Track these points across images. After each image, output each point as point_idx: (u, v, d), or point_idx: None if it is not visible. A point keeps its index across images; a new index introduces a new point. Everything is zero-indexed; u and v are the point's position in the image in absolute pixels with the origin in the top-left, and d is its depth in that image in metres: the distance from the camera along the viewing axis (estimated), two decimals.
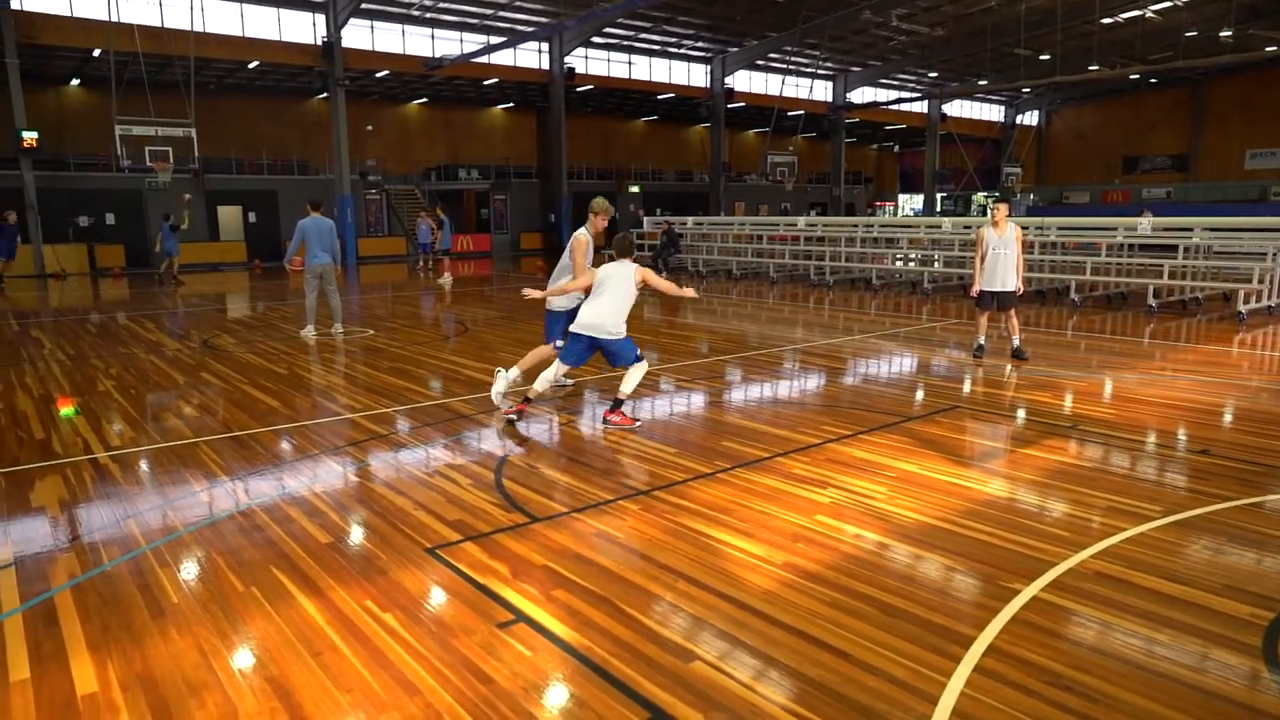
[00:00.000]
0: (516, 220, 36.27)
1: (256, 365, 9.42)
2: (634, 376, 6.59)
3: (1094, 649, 3.15)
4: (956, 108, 48.37)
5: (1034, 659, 3.07)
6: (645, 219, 25.38)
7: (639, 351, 6.62)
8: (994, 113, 51.55)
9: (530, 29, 30.84)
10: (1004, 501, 4.79)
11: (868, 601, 3.55)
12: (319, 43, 27.78)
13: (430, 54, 30.68)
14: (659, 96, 38.38)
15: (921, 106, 46.19)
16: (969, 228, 16.15)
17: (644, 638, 3.26)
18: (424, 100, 36.34)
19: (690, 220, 22.61)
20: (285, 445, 6.15)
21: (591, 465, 5.61)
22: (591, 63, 35.50)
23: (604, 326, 6.48)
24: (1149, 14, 33.62)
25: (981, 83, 43.58)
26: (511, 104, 38.28)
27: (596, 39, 34.02)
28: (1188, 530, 4.32)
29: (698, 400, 7.73)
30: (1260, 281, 11.95)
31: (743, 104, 39.54)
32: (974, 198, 52.26)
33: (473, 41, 31.50)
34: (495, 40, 30.06)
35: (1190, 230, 13.56)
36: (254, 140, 31.16)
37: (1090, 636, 3.25)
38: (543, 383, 6.79)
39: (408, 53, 30.71)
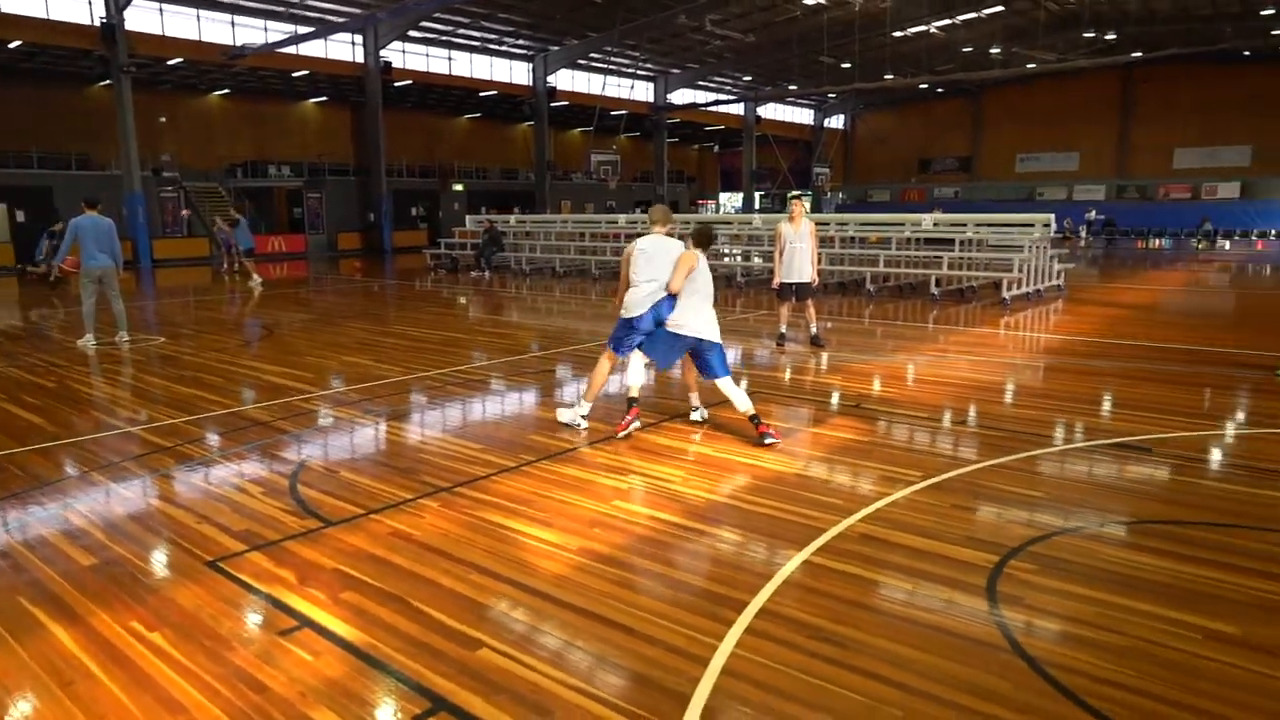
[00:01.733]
0: (333, 220, 34.58)
1: (19, 379, 8.49)
2: (733, 390, 5.97)
3: (851, 602, 3.47)
4: (771, 110, 50.87)
5: (799, 616, 3.34)
6: (468, 218, 24.97)
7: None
8: (804, 116, 54.66)
9: (341, 19, 29.52)
10: (789, 476, 5.14)
11: (654, 578, 3.73)
12: (97, 24, 25.26)
13: (231, 42, 28.68)
14: (482, 94, 37.85)
15: (739, 109, 48.23)
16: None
17: (433, 631, 3.26)
18: (226, 91, 33.92)
19: (513, 218, 22.51)
20: (49, 465, 5.61)
21: (394, 466, 5.50)
22: (409, 57, 34.48)
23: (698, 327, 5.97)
24: (933, 30, 36.84)
25: (791, 87, 46.12)
26: (324, 98, 36.49)
27: (414, 33, 33.06)
28: (941, 491, 4.82)
29: (514, 396, 7.75)
30: (1019, 271, 13.46)
31: (566, 103, 39.73)
32: (789, 196, 55.24)
33: (278, 30, 29.73)
34: (303, 30, 28.54)
35: (965, 226, 15.08)
36: (21, 130, 27.89)
37: (849, 592, 3.57)
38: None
39: (205, 40, 28.55)
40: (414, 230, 36.07)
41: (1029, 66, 38.49)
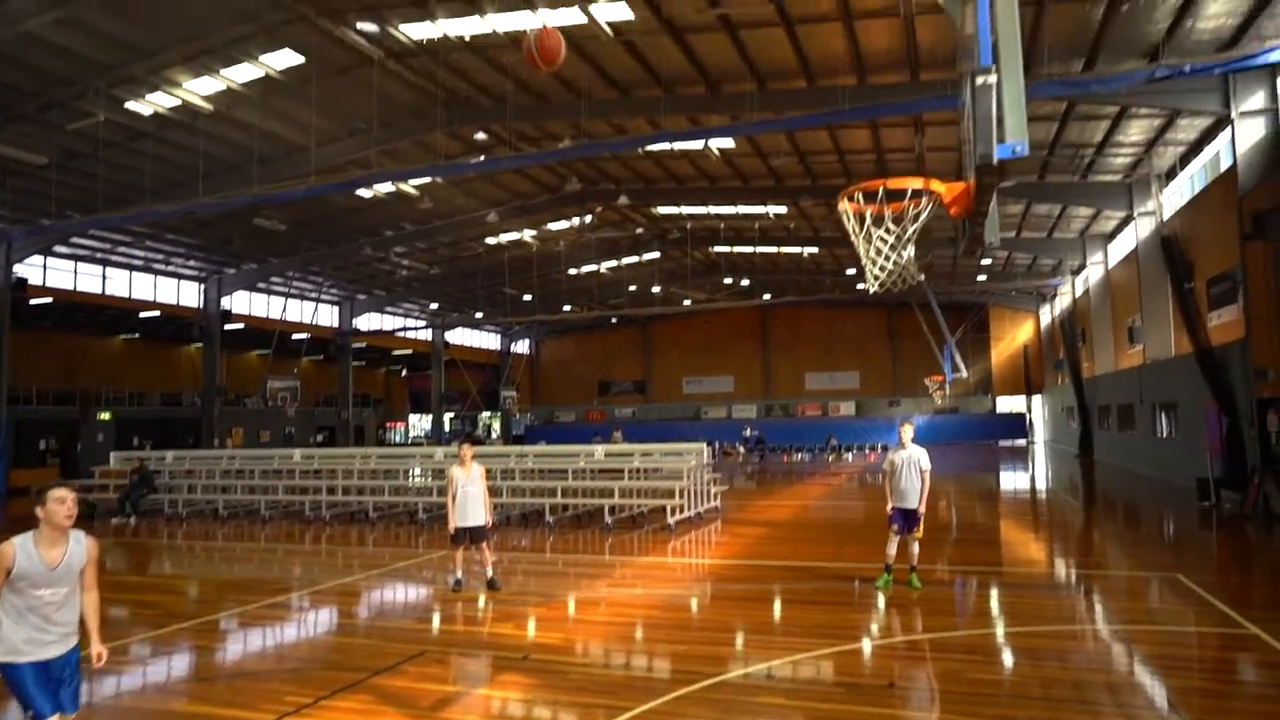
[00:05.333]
0: None
1: None
2: None
3: None
4: (459, 335, 52.67)
5: None
6: (114, 454, 22.05)
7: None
8: (492, 341, 57.25)
9: None
10: None
11: None
12: None
13: None
14: (143, 314, 34.99)
15: (427, 333, 49.34)
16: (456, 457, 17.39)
17: None
18: None
19: (170, 455, 20.38)
20: None
21: None
22: (53, 274, 31.22)
23: None
24: (602, 270, 41.47)
25: (478, 315, 48.49)
26: None
27: (61, 248, 30.24)
28: None
29: (130, 683, 6.79)
30: (680, 497, 14.89)
31: (242, 325, 37.99)
32: (480, 418, 56.32)
33: None
34: None
35: (631, 455, 16.51)
36: None
37: None
38: None
39: None
40: (43, 468, 31.00)
41: (685, 303, 44.61)
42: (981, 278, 41.15)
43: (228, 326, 36.56)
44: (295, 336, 39.01)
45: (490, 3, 15.47)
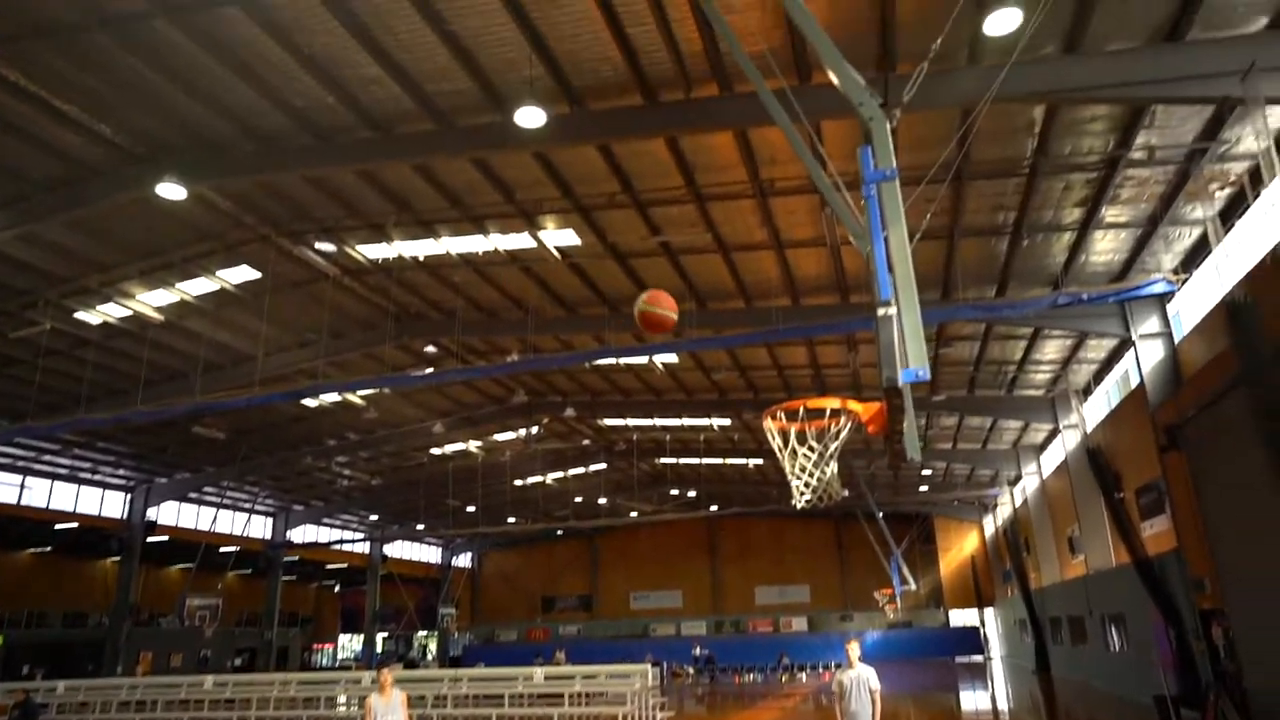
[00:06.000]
0: None
1: None
2: None
3: None
4: (397, 548, 50.70)
5: None
6: None
7: None
8: (433, 554, 55.13)
9: None
10: None
11: None
12: None
13: None
14: (59, 525, 33.10)
15: (363, 546, 47.42)
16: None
17: None
18: None
19: (62, 685, 18.52)
20: None
21: None
22: None
23: None
24: (548, 481, 41.14)
25: (419, 527, 47.01)
26: None
27: None
28: None
29: None
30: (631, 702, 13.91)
31: (166, 538, 36.07)
32: (416, 637, 53.08)
33: None
34: None
35: (573, 679, 15.54)
36: None
37: None
38: None
39: None
40: None
41: (632, 515, 44.11)
42: (923, 488, 41.82)
43: (151, 539, 34.68)
44: (223, 549, 37.07)
45: (444, 227, 16.43)
